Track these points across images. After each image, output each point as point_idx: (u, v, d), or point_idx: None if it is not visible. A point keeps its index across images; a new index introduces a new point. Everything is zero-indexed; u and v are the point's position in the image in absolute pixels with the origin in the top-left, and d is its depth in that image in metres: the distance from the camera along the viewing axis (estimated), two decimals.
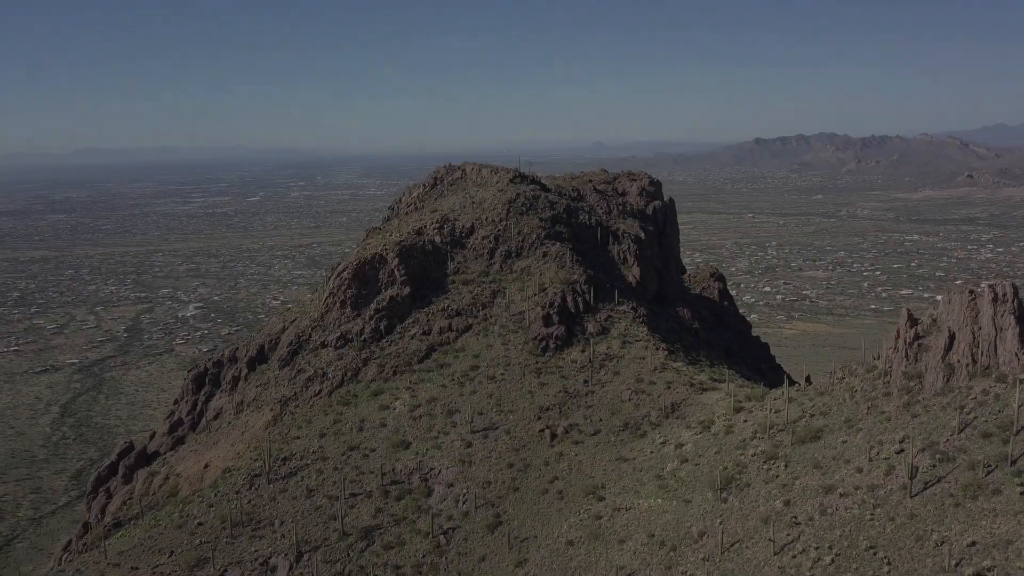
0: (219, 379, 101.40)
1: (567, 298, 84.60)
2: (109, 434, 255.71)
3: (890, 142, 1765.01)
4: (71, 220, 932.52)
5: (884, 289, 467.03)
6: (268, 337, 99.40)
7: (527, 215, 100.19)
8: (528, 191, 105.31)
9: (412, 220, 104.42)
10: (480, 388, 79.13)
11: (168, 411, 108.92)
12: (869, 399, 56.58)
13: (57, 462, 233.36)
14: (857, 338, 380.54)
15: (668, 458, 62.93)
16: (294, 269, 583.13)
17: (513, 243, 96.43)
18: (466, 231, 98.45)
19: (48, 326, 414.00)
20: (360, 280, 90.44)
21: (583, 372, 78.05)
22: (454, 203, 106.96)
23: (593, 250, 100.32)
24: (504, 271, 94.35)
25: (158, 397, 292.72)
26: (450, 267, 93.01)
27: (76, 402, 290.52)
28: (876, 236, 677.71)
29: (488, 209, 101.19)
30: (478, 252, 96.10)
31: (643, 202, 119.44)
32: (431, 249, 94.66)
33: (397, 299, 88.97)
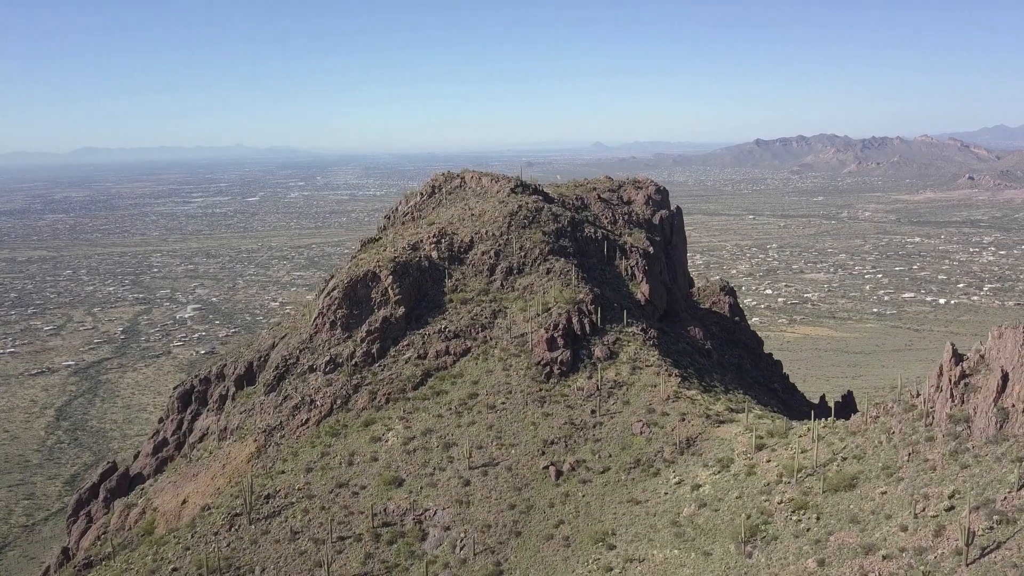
0: (206, 397, 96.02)
1: (572, 319, 78.50)
2: (104, 438, 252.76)
3: (890, 143, 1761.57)
4: (70, 220, 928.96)
5: (886, 292, 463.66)
6: (257, 354, 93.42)
7: (530, 229, 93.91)
8: (530, 203, 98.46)
9: (408, 233, 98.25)
10: (479, 419, 73.31)
11: (153, 430, 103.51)
12: (909, 443, 50.48)
13: (51, 467, 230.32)
14: (859, 342, 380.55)
15: (684, 501, 57.34)
16: (293, 270, 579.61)
17: (515, 259, 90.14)
18: (465, 246, 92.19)
19: (45, 327, 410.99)
20: (351, 299, 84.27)
21: (590, 401, 72.34)
22: (452, 215, 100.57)
23: (599, 265, 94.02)
24: (505, 289, 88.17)
25: (154, 400, 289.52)
26: (448, 285, 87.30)
27: (71, 405, 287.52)
28: (877, 238, 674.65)
29: (488, 222, 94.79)
30: (477, 268, 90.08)
31: (649, 211, 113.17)
32: (427, 266, 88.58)
33: (391, 320, 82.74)
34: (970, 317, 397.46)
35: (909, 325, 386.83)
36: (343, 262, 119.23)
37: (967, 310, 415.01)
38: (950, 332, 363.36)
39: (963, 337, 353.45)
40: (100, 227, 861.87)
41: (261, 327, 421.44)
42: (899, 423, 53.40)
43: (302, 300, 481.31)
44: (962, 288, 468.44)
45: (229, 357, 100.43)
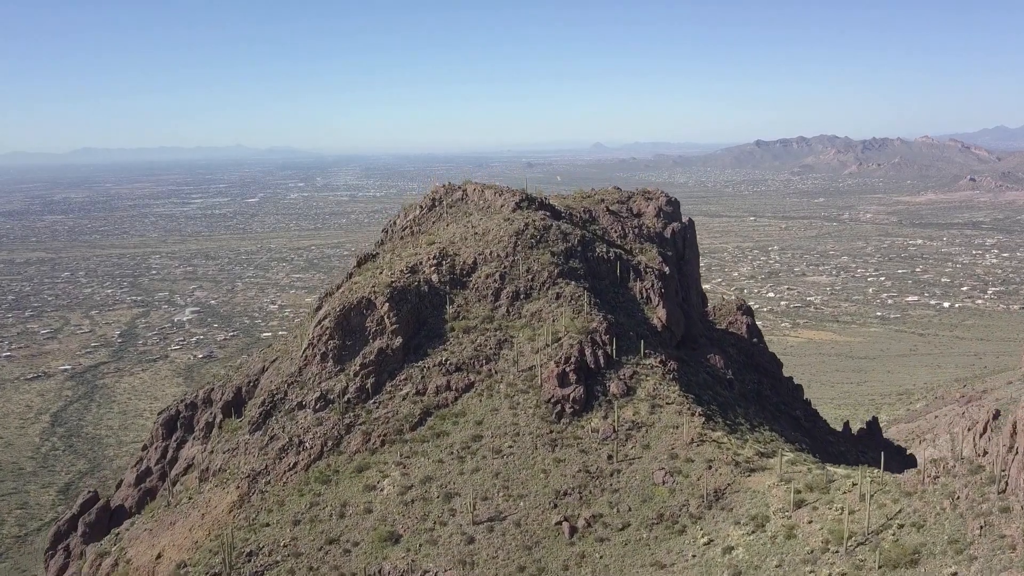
0: (192, 423, 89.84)
1: (585, 351, 71.93)
2: (99, 445, 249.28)
3: (891, 144, 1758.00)
4: (69, 221, 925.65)
5: (890, 295, 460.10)
6: (246, 379, 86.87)
7: (537, 249, 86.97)
8: (538, 220, 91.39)
9: (406, 253, 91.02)
10: (484, 465, 66.30)
11: (136, 457, 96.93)
12: (979, 514, 43.75)
13: (45, 475, 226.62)
14: (864, 346, 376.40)
15: (716, 567, 50.91)
16: (292, 272, 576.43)
17: (522, 282, 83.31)
18: (468, 268, 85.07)
19: (42, 331, 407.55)
20: (344, 329, 77.21)
21: (606, 445, 65.37)
22: (454, 233, 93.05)
23: (612, 288, 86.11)
24: (511, 316, 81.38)
25: (151, 406, 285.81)
26: (449, 311, 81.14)
27: (67, 411, 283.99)
28: (879, 240, 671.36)
29: (493, 242, 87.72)
30: (481, 293, 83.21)
31: (660, 224, 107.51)
32: (427, 291, 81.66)
33: (387, 351, 75.90)
34: (975, 321, 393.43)
35: (913, 329, 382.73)
36: (335, 284, 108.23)
37: (972, 314, 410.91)
38: (956, 337, 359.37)
39: (969, 342, 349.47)
40: (99, 228, 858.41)
41: (260, 329, 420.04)
42: (964, 487, 46.93)
43: (300, 303, 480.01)
44: (966, 291, 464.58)
45: (217, 381, 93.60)
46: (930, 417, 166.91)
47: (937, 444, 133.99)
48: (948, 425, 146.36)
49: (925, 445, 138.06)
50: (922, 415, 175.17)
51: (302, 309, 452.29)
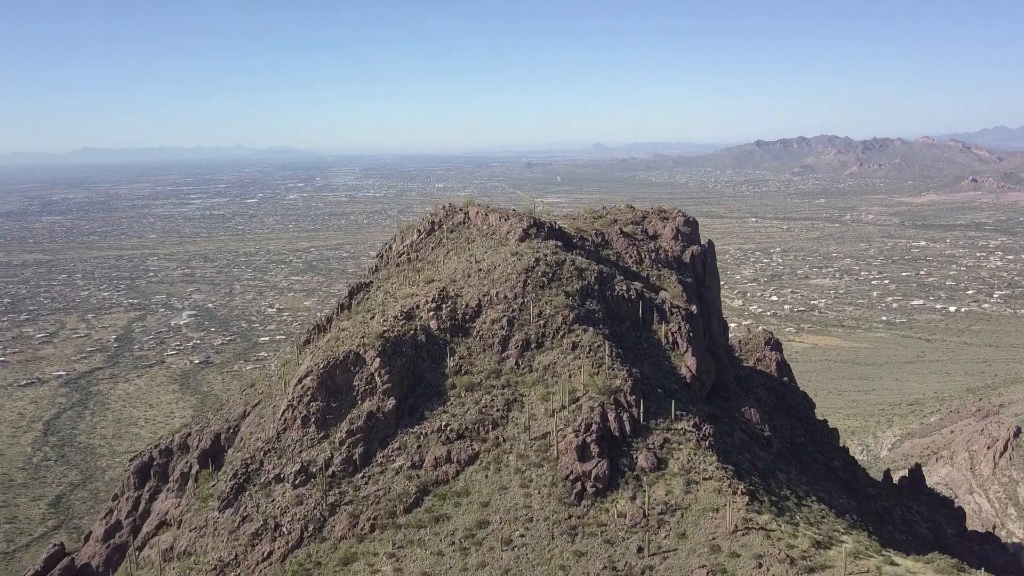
0: (167, 472, 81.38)
1: (608, 416, 62.05)
2: (92, 455, 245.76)
3: (891, 145, 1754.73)
4: (67, 222, 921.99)
5: (894, 299, 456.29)
6: (226, 424, 78.41)
7: (549, 289, 76.46)
8: (549, 253, 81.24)
9: (401, 293, 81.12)
10: (491, 559, 56.07)
11: (106, 508, 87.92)
12: None
13: (36, 487, 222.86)
14: (870, 353, 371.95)
15: None
16: (291, 274, 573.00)
17: (532, 329, 72.68)
18: (471, 312, 74.73)
19: (37, 335, 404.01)
20: (328, 389, 67.43)
21: (635, 533, 55.48)
22: (455, 270, 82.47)
23: (634, 332, 77.12)
24: (521, 369, 70.43)
25: (145, 414, 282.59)
26: (449, 364, 70.42)
27: (60, 419, 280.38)
28: (882, 242, 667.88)
29: (499, 281, 77.28)
30: (487, 342, 72.36)
31: (679, 247, 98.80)
32: (424, 340, 71.69)
33: (378, 415, 65.89)
34: (982, 326, 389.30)
35: (920, 335, 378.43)
36: (325, 316, 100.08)
37: (978, 319, 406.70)
38: (963, 343, 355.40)
39: (976, 348, 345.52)
40: (97, 229, 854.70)
41: (257, 332, 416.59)
42: None
43: (298, 306, 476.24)
44: (971, 295, 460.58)
45: (195, 424, 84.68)
46: (945, 432, 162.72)
47: (955, 462, 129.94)
48: (966, 442, 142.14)
49: (942, 462, 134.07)
50: (937, 429, 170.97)
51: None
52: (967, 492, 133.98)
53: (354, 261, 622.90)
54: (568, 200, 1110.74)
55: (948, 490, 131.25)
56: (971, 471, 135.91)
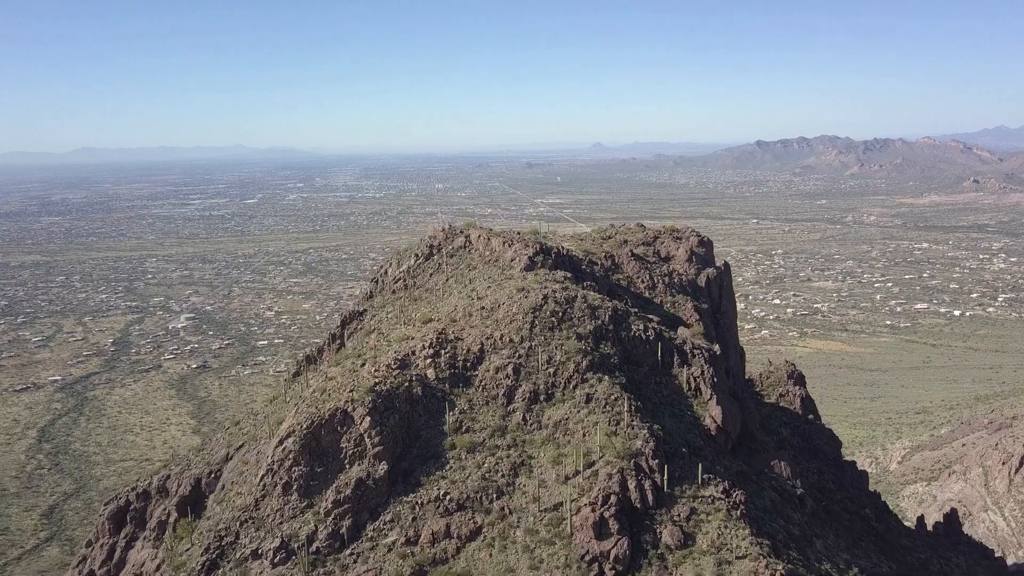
0: (144, 517, 74.46)
1: (629, 484, 55.09)
2: (87, 463, 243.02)
3: (892, 145, 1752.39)
4: (66, 223, 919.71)
5: (898, 302, 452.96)
6: (207, 467, 71.48)
7: (560, 330, 68.60)
8: (559, 289, 73.10)
9: (395, 334, 72.66)
10: None
11: (79, 555, 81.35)
12: None
13: (29, 496, 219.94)
14: (875, 358, 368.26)
15: None
16: (290, 277, 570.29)
17: (541, 378, 64.84)
18: (472, 358, 66.53)
19: (34, 338, 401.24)
20: (312, 452, 59.72)
21: None
22: (455, 307, 74.52)
23: (652, 377, 69.64)
24: (529, 425, 62.72)
25: (141, 421, 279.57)
26: (449, 420, 62.48)
27: (55, 425, 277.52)
28: (884, 244, 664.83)
29: (504, 322, 69.36)
30: (490, 393, 64.33)
31: (693, 269, 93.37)
32: (420, 394, 63.65)
33: (368, 482, 58.87)
34: (988, 331, 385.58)
35: (925, 339, 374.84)
36: (316, 349, 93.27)
37: (984, 323, 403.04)
38: (969, 348, 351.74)
39: (983, 354, 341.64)
40: (96, 230, 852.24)
41: (255, 335, 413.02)
42: None
43: (297, 309, 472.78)
44: (976, 298, 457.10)
45: (175, 465, 77.35)
46: (957, 445, 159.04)
47: (968, 478, 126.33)
48: (980, 457, 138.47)
49: (955, 478, 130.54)
50: (948, 442, 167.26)
51: (299, 316, 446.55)
52: (981, 510, 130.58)
53: (353, 263, 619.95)
54: (568, 201, 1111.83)
55: (962, 507, 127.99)
56: (985, 487, 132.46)
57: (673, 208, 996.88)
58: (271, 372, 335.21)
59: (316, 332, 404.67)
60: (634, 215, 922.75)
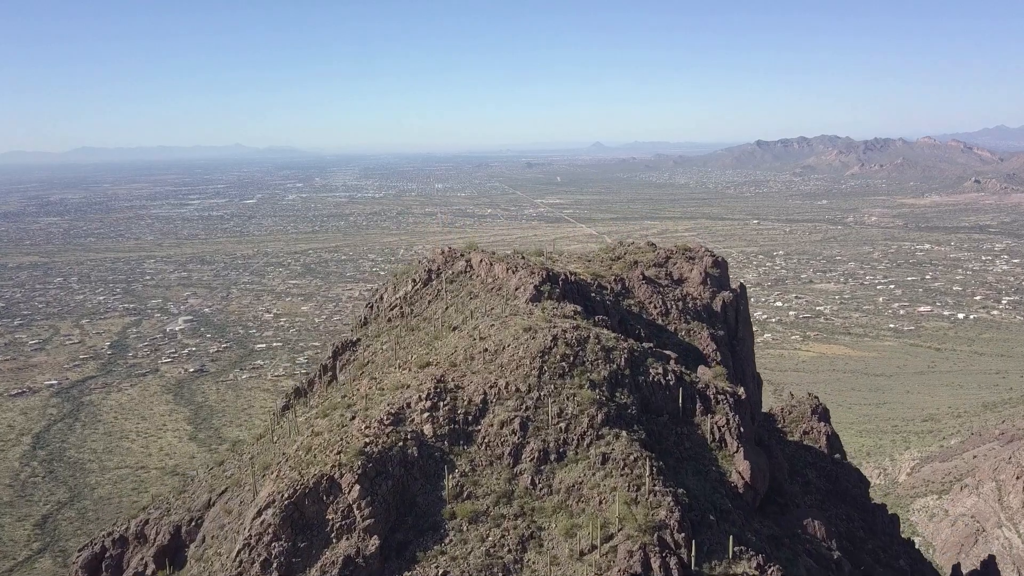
0: (121, 565, 67.95)
1: (652, 562, 48.97)
2: (81, 471, 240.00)
3: (893, 145, 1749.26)
4: (64, 223, 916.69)
5: (901, 305, 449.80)
6: (188, 515, 65.43)
7: (571, 376, 61.64)
8: (569, 328, 66.10)
9: (389, 380, 65.20)
10: None
11: None
12: None
13: (22, 505, 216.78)
14: (879, 362, 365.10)
15: None
16: (288, 278, 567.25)
17: (551, 434, 57.73)
18: (475, 411, 59.22)
19: (30, 341, 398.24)
20: (295, 525, 52.63)
21: None
22: (455, 348, 67.35)
23: (673, 427, 63.23)
24: (539, 490, 55.65)
25: (137, 427, 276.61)
26: (448, 485, 55.36)
27: (50, 431, 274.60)
28: (886, 245, 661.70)
29: (509, 367, 62.26)
30: (494, 452, 57.27)
31: (708, 293, 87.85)
32: (416, 455, 56.35)
33: (357, 560, 51.66)
34: (993, 335, 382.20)
35: (929, 343, 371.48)
36: (308, 379, 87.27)
37: (988, 326, 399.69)
38: (974, 352, 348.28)
39: (988, 358, 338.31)
40: (94, 231, 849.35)
41: (253, 338, 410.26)
42: None
43: (295, 311, 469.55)
44: (979, 301, 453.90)
45: (154, 508, 71.94)
46: (968, 457, 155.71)
47: (981, 492, 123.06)
48: (993, 471, 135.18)
49: (967, 491, 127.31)
50: (958, 453, 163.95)
51: (297, 319, 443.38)
52: (996, 526, 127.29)
53: (353, 264, 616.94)
54: (568, 201, 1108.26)
55: (975, 522, 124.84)
56: (999, 503, 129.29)
57: (674, 208, 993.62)
58: (269, 376, 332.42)
59: (315, 335, 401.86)
60: (635, 215, 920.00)
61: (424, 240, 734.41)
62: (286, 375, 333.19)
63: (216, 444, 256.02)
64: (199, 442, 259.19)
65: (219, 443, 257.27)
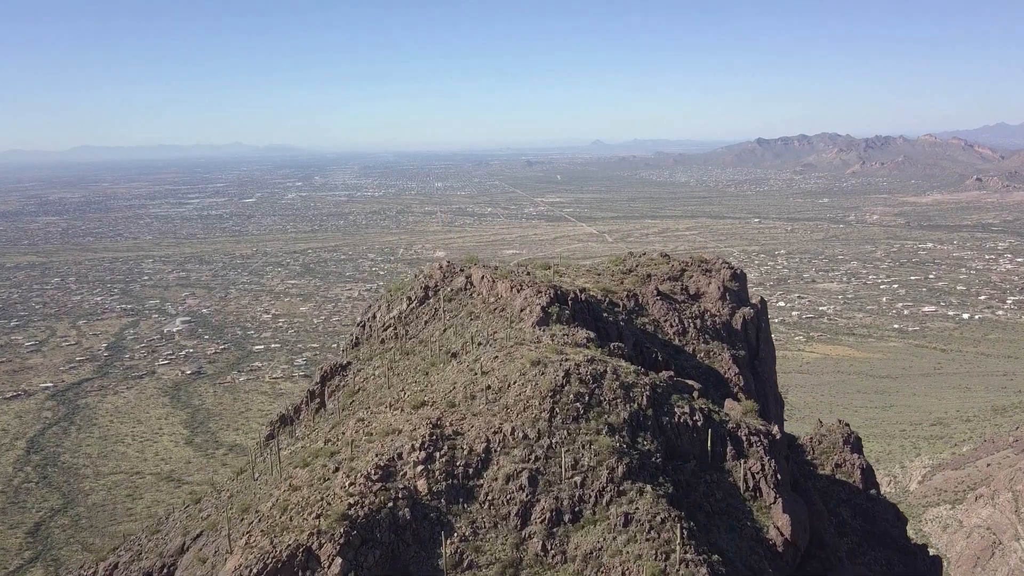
0: None
1: None
2: (75, 476, 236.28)
3: (893, 143, 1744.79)
4: (63, 222, 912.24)
5: (905, 305, 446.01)
6: (159, 559, 58.72)
7: (587, 420, 53.86)
8: (583, 362, 58.12)
9: (379, 423, 56.88)
10: None
11: None
12: None
13: (14, 512, 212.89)
14: (884, 364, 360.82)
15: None
16: (287, 278, 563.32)
17: (565, 490, 49.68)
18: (476, 462, 51.14)
19: (26, 342, 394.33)
20: None
21: None
22: (454, 385, 59.15)
23: (702, 475, 55.69)
24: (552, 558, 47.49)
25: (132, 431, 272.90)
26: (446, 552, 46.92)
27: (45, 435, 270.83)
28: (888, 244, 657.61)
29: (515, 409, 54.25)
30: (499, 512, 49.05)
31: (727, 310, 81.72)
32: (408, 517, 47.73)
33: None
34: (999, 335, 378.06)
35: (934, 344, 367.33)
36: (285, 422, 79.09)
37: (994, 327, 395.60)
38: (981, 353, 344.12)
39: (995, 360, 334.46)
40: (93, 230, 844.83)
41: (251, 340, 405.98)
42: None
43: (294, 311, 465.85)
44: (984, 301, 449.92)
45: (125, 550, 66.04)
46: (981, 465, 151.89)
47: (997, 503, 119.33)
48: (1008, 480, 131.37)
49: (982, 502, 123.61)
50: (971, 461, 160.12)
51: (296, 319, 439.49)
52: (1013, 539, 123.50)
53: (352, 264, 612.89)
54: (568, 199, 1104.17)
55: (991, 534, 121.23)
56: (1016, 514, 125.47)
57: (674, 207, 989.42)
58: (267, 379, 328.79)
59: (313, 336, 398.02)
60: (635, 214, 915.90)
61: (424, 239, 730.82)
62: (284, 377, 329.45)
63: (213, 449, 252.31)
64: (195, 446, 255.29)
65: (216, 448, 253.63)
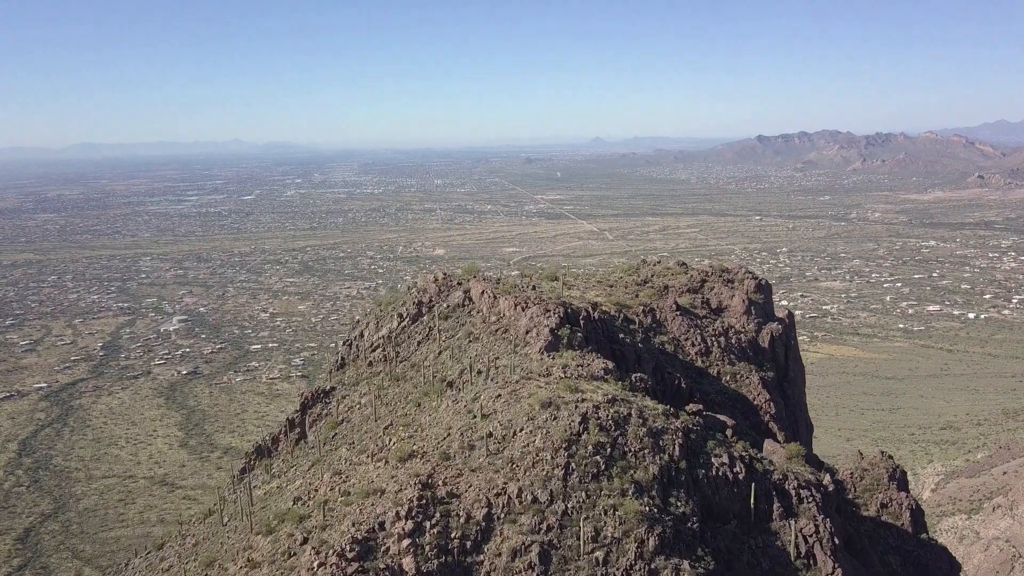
0: None
1: None
2: (67, 480, 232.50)
3: (894, 140, 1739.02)
4: (61, 220, 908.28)
5: (909, 304, 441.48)
6: None
7: (610, 477, 44.38)
8: (602, 401, 48.30)
9: (360, 479, 48.36)
10: None
11: None
12: None
13: (4, 517, 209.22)
14: (890, 365, 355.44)
15: None
16: (286, 276, 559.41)
17: (584, 568, 40.71)
18: (474, 532, 42.06)
19: (21, 342, 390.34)
20: None
21: None
22: (449, 429, 50.18)
23: (745, 539, 46.42)
24: None
25: (127, 432, 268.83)
26: None
27: (37, 437, 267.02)
28: (891, 242, 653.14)
29: (523, 463, 44.66)
30: None
31: (752, 325, 74.63)
32: None
33: None
34: (1005, 335, 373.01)
35: (941, 344, 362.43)
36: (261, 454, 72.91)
37: (1000, 326, 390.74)
38: (988, 354, 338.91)
39: (1003, 360, 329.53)
40: (91, 228, 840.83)
41: (248, 339, 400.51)
42: None
43: (292, 310, 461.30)
44: (989, 300, 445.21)
45: None
46: (997, 473, 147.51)
47: (1016, 515, 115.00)
48: None
49: (1000, 512, 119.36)
50: (986, 469, 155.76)
51: (294, 318, 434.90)
52: None
53: (351, 262, 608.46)
54: (569, 197, 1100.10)
55: (1010, 547, 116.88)
56: None
57: (675, 204, 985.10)
58: (264, 379, 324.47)
59: (311, 335, 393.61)
60: (636, 211, 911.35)
61: (423, 236, 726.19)
62: (281, 377, 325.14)
63: (207, 452, 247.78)
64: (190, 449, 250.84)
65: (210, 451, 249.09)
